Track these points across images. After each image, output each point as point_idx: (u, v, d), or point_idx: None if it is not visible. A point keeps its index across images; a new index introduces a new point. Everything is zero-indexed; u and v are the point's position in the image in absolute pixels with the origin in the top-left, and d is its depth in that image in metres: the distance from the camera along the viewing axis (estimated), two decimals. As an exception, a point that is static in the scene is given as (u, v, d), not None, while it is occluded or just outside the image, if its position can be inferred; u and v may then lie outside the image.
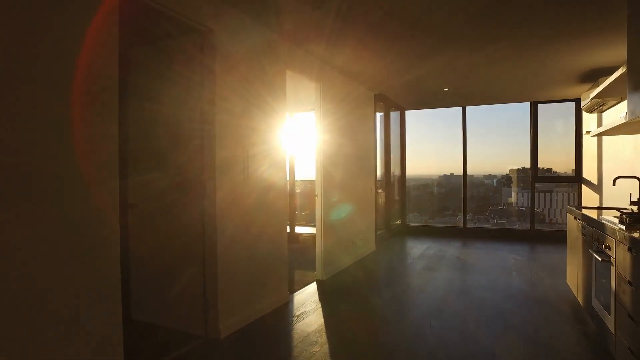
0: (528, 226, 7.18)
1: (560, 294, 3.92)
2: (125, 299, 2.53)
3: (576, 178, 6.68)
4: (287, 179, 4.37)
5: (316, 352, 2.71)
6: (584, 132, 6.22)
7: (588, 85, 5.59)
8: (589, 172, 6.24)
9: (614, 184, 3.56)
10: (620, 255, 2.35)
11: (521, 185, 8.39)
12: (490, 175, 11.23)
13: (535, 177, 7.03)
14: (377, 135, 6.47)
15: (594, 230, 2.92)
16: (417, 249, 6.36)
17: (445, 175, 10.13)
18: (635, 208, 3.48)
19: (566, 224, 4.17)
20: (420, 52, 4.26)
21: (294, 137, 7.11)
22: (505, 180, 11.01)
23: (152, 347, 2.84)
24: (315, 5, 2.97)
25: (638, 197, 3.55)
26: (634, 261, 2.14)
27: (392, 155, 7.16)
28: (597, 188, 5.65)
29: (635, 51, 2.64)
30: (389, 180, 7.07)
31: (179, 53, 3.12)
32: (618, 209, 3.34)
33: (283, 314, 3.48)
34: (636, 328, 2.11)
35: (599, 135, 4.69)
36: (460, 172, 7.54)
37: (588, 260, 3.09)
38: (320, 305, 3.71)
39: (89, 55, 1.95)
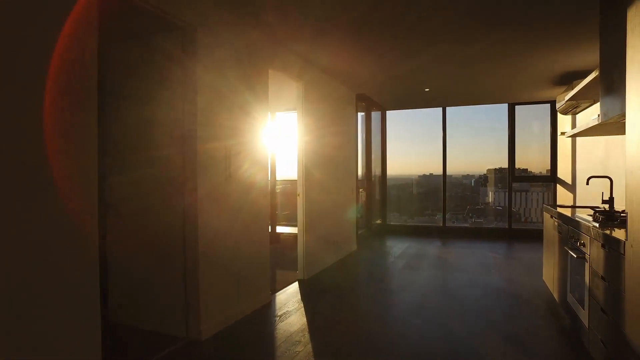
0: (505, 225, 7.35)
1: (536, 291, 4.02)
2: (103, 301, 2.47)
3: (551, 178, 6.87)
4: (269, 178, 4.34)
5: (300, 351, 2.71)
6: (559, 133, 6.40)
7: (563, 88, 5.75)
8: (563, 172, 6.43)
9: (587, 184, 3.68)
10: (594, 252, 2.43)
11: (499, 185, 8.56)
12: (468, 175, 11.45)
13: (512, 177, 7.20)
14: (358, 135, 6.50)
15: (570, 228, 3.01)
16: (398, 248, 6.42)
17: (424, 175, 10.26)
18: (607, 206, 3.61)
19: (542, 222, 4.29)
20: (401, 53, 4.30)
21: (274, 136, 7.08)
22: (482, 180, 11.25)
23: (132, 350, 2.78)
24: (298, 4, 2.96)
25: (609, 196, 3.68)
26: (607, 257, 2.21)
27: (372, 155, 7.21)
28: (571, 187, 5.83)
29: (607, 56, 2.73)
30: (370, 179, 7.11)
31: (159, 50, 3.07)
32: (591, 208, 3.45)
33: (265, 314, 3.46)
34: (609, 321, 2.19)
35: (573, 137, 4.83)
36: (439, 172, 7.66)
37: (564, 258, 3.18)
38: (302, 305, 3.70)
39: (66, 52, 1.89)
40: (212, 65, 3.10)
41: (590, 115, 4.76)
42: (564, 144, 6.27)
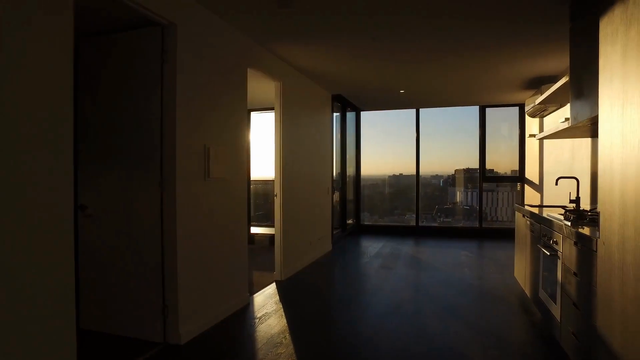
0: (472, 224, 7.57)
1: (509, 287, 4.16)
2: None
3: (519, 178, 7.13)
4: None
5: (282, 353, 2.69)
6: (527, 135, 6.65)
7: (531, 92, 5.98)
8: (531, 172, 6.68)
9: (556, 184, 3.84)
10: (566, 249, 2.54)
11: (469, 185, 8.81)
12: (437, 175, 11.74)
13: (483, 177, 7.42)
14: (333, 136, 6.53)
15: (542, 227, 3.13)
16: (373, 247, 6.49)
17: (394, 176, 10.44)
18: (574, 205, 3.78)
19: (509, 221, 4.44)
20: (379, 55, 4.36)
21: (248, 136, 7.00)
22: (451, 180, 11.57)
23: (108, 358, 2.68)
24: (281, 3, 2.94)
25: (576, 195, 3.85)
26: (579, 254, 2.31)
27: (347, 155, 7.26)
28: (539, 187, 6.06)
29: (576, 63, 2.86)
30: (345, 180, 7.16)
31: (137, 46, 2.97)
32: (560, 207, 3.61)
33: (245, 316, 3.42)
34: (580, 315, 2.29)
35: (542, 139, 5.03)
36: (409, 172, 7.81)
37: (536, 255, 3.30)
38: (281, 306, 3.68)
39: (40, 44, 1.80)
40: (191, 62, 3.03)
41: (557, 118, 4.97)
42: (532, 145, 6.52)
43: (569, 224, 2.59)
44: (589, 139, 3.97)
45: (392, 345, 2.82)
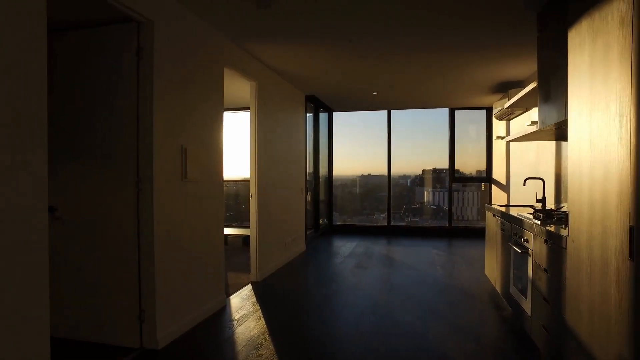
0: (440, 223, 7.80)
1: (480, 285, 4.31)
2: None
3: (487, 179, 7.40)
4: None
5: (263, 354, 2.68)
6: (494, 137, 6.90)
7: (499, 96, 6.22)
8: (497, 173, 6.95)
9: (524, 184, 4.02)
10: (537, 247, 2.66)
11: (437, 185, 9.05)
12: (405, 175, 12.03)
13: (452, 177, 7.64)
14: (307, 136, 6.55)
15: (513, 226, 3.27)
16: (346, 247, 6.55)
17: (363, 176, 10.60)
18: (540, 205, 3.96)
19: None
20: (354, 57, 4.41)
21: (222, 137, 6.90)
22: (418, 181, 11.87)
23: (80, 364, 2.59)
24: (260, 4, 2.93)
25: (542, 195, 4.05)
26: (549, 251, 2.44)
27: (320, 156, 7.30)
28: (506, 187, 6.31)
29: (544, 69, 3.01)
30: (317, 180, 7.19)
31: (111, 42, 2.88)
32: (529, 206, 3.78)
33: (222, 319, 3.38)
34: (550, 309, 2.41)
35: (509, 141, 5.24)
36: (378, 172, 7.97)
37: (507, 253, 3.45)
38: (259, 307, 3.66)
39: (12, 39, 1.72)
40: (168, 60, 2.97)
41: (524, 121, 5.20)
42: (499, 147, 6.78)
43: (538, 222, 2.72)
44: (554, 142, 4.18)
45: (371, 343, 2.87)
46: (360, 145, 8.98)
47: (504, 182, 6.46)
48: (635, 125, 1.52)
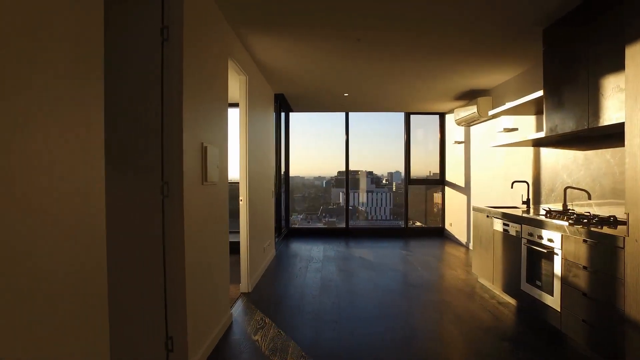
0: (356, 224, 8.11)
1: (471, 283, 4.50)
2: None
3: (441, 181, 7.82)
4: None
5: (321, 374, 2.46)
6: (452, 142, 7.32)
7: (460, 102, 6.60)
8: (450, 176, 7.38)
9: (512, 187, 4.30)
10: (569, 246, 2.84)
11: (372, 187, 9.41)
12: (320, 177, 12.38)
13: (408, 179, 7.93)
14: (274, 136, 6.28)
15: (525, 226, 3.43)
16: (315, 251, 6.41)
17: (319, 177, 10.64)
18: (525, 206, 4.26)
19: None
20: (348, 56, 4.33)
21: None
22: (334, 182, 12.27)
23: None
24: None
25: (527, 197, 4.36)
26: (591, 250, 2.61)
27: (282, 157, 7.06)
28: (464, 190, 6.72)
29: (553, 78, 3.27)
30: (280, 182, 6.94)
31: (131, 20, 2.40)
32: (513, 207, 4.03)
33: (238, 337, 3.04)
34: (593, 304, 2.59)
35: (468, 147, 5.59)
36: (318, 174, 8.10)
37: (513, 252, 3.63)
38: (270, 321, 3.37)
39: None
40: (189, 43, 2.55)
41: (485, 128, 5.58)
42: (454, 151, 7.20)
43: (565, 224, 2.91)
44: (531, 148, 4.53)
45: (387, 348, 2.81)
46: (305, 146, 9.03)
47: (460, 184, 6.88)
48: None
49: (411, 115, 7.87)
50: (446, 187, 7.67)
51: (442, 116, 7.80)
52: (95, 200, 1.49)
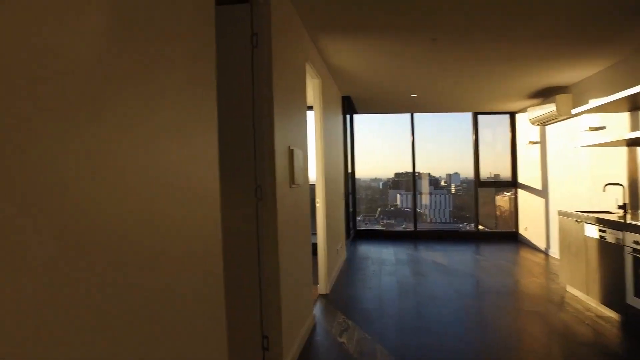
0: (419, 226, 7.82)
1: (559, 292, 4.22)
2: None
3: (513, 183, 7.44)
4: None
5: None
6: (525, 142, 6.95)
7: (535, 101, 6.24)
8: (523, 178, 6.99)
9: (604, 190, 3.98)
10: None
11: (431, 188, 9.16)
12: (376, 178, 12.19)
13: (478, 182, 7.62)
14: (343, 138, 6.29)
15: (631, 235, 3.12)
16: (386, 253, 6.33)
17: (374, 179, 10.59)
18: (622, 211, 3.92)
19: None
20: (421, 57, 4.22)
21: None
22: (391, 183, 12.01)
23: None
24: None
25: (623, 202, 4.02)
26: None
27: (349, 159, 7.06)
28: (542, 193, 6.33)
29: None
30: (348, 184, 6.94)
31: (222, 27, 2.50)
32: (607, 212, 3.72)
33: (327, 338, 3.06)
34: None
35: (581, 147, 5.23)
36: (372, 175, 7.99)
37: (615, 262, 3.33)
38: (353, 323, 3.36)
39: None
40: (277, 48, 2.61)
41: (563, 127, 5.21)
42: (528, 151, 6.82)
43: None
44: (624, 148, 4.17)
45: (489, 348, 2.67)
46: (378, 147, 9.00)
47: (536, 187, 6.49)
48: None
49: (479, 115, 7.55)
50: (519, 190, 7.27)
51: (512, 115, 7.41)
52: (213, 199, 1.56)
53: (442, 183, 10.62)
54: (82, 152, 0.86)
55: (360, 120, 8.20)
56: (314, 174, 4.29)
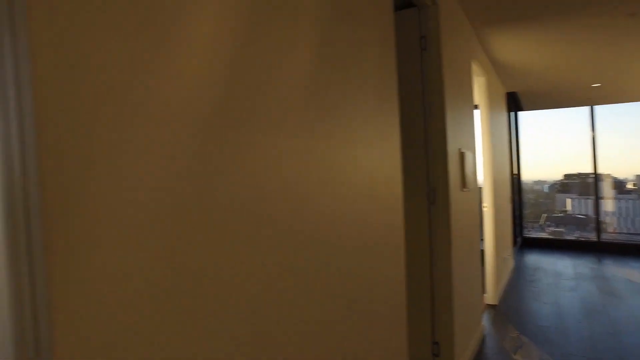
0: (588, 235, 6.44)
1: None
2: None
3: None
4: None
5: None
6: None
7: None
8: None
9: None
10: None
11: (583, 192, 7.75)
12: (539, 181, 10.75)
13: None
14: (507, 138, 5.81)
15: None
16: (560, 266, 5.60)
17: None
18: None
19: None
20: (592, 44, 3.61)
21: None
22: (559, 186, 10.49)
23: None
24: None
25: None
26: None
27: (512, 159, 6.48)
28: None
29: None
30: (514, 188, 6.37)
31: (396, 27, 2.57)
32: None
33: (499, 352, 2.87)
34: None
35: None
36: (535, 178, 6.97)
37: None
38: (528, 339, 3.07)
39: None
40: (447, 51, 2.56)
41: None
42: None
43: None
44: None
45: None
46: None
47: None
48: None
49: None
50: None
51: None
52: (397, 200, 1.62)
53: (630, 186, 8.91)
54: (314, 165, 1.02)
55: (524, 118, 7.45)
56: (481, 176, 4.07)
